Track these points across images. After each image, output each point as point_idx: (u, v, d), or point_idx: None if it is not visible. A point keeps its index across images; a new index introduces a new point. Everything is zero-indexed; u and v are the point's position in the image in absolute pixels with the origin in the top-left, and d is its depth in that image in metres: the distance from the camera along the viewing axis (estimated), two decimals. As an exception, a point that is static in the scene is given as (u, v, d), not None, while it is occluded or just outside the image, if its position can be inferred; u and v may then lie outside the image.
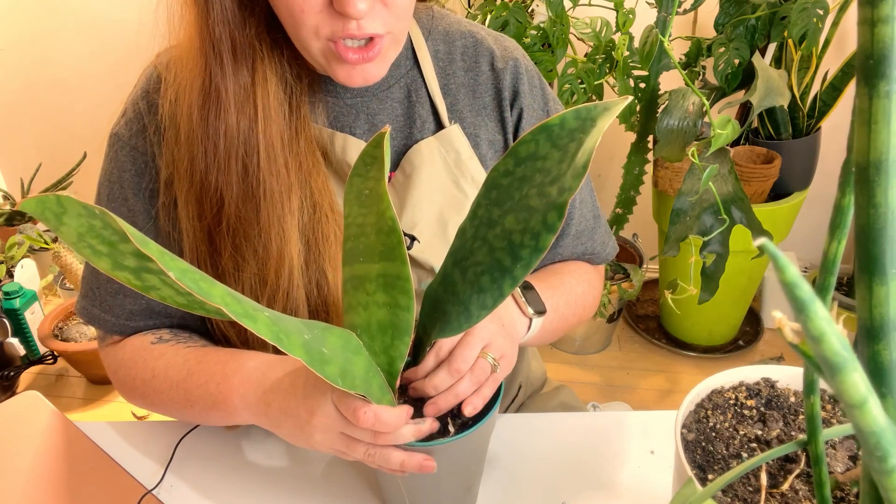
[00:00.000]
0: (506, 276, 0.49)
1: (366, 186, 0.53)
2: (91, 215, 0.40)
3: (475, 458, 0.62)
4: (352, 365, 0.51)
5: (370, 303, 0.54)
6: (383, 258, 0.53)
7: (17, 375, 1.94)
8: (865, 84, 0.23)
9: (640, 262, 2.02)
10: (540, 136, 0.47)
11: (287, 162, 0.66)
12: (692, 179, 1.20)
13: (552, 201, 0.45)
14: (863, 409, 0.21)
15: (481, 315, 0.51)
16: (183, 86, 0.65)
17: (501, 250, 0.49)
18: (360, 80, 0.64)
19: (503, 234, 0.49)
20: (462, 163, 0.74)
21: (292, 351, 0.43)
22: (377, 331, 0.54)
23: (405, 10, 0.62)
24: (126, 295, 0.73)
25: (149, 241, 0.38)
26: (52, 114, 2.33)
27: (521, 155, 0.48)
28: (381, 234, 0.52)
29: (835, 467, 0.49)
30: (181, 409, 0.69)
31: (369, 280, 0.54)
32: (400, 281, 0.52)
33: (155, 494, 0.70)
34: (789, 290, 0.20)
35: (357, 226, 0.54)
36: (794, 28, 1.48)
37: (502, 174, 0.50)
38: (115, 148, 0.71)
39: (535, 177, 0.47)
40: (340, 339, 0.51)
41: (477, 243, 0.51)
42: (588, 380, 1.97)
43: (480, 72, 0.76)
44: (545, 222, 0.45)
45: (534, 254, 0.47)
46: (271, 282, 0.67)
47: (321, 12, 0.59)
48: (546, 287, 0.74)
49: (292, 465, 0.73)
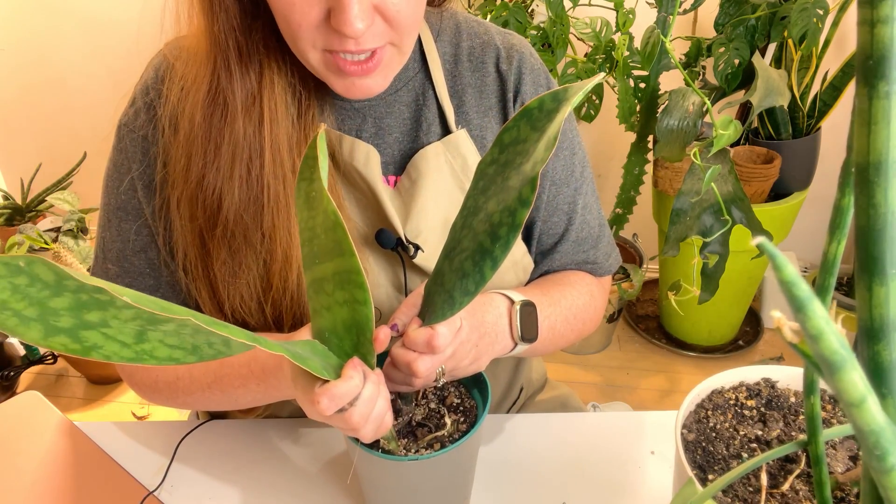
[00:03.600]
0: (486, 257, 0.48)
1: (312, 189, 0.52)
2: (14, 272, 0.35)
3: (461, 471, 0.62)
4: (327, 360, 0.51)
5: (332, 303, 0.53)
6: (334, 255, 0.52)
7: (17, 375, 1.94)
8: (865, 84, 0.23)
9: (640, 262, 2.02)
10: (521, 122, 0.48)
11: (294, 166, 0.66)
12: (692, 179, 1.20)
13: (526, 176, 0.45)
14: (861, 408, 0.21)
15: (464, 301, 0.51)
16: (188, 85, 0.65)
17: (483, 233, 0.49)
18: (360, 93, 0.63)
19: (485, 217, 0.49)
20: (469, 168, 0.73)
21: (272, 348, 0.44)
22: (343, 331, 0.53)
23: (410, 24, 0.61)
24: (137, 289, 0.73)
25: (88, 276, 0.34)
26: (52, 114, 2.33)
27: (505, 142, 0.49)
28: (328, 232, 0.52)
29: (835, 467, 0.49)
30: (221, 403, 0.72)
31: (326, 280, 0.53)
32: (352, 275, 0.51)
33: (156, 495, 0.70)
34: (787, 289, 0.20)
35: (309, 229, 0.53)
36: (794, 28, 1.48)
37: (488, 163, 0.50)
38: (123, 138, 0.71)
39: (516, 159, 0.48)
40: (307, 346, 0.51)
41: (464, 232, 0.51)
42: (588, 380, 1.97)
43: (487, 72, 0.75)
44: (520, 197, 0.46)
45: (511, 231, 0.46)
46: (276, 285, 0.67)
47: (318, 27, 0.58)
48: (548, 302, 0.73)
49: (293, 466, 0.73)
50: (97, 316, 0.37)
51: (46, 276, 0.35)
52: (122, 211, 0.71)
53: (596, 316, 0.82)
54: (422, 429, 0.60)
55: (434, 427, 0.60)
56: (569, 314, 0.76)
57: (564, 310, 0.76)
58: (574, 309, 0.77)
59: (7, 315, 0.35)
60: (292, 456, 0.75)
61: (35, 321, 0.36)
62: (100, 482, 0.72)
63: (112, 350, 0.39)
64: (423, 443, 0.58)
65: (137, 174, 0.70)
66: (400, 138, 0.73)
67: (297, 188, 0.53)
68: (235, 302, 0.68)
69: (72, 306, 0.36)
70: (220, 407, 0.73)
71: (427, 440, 0.58)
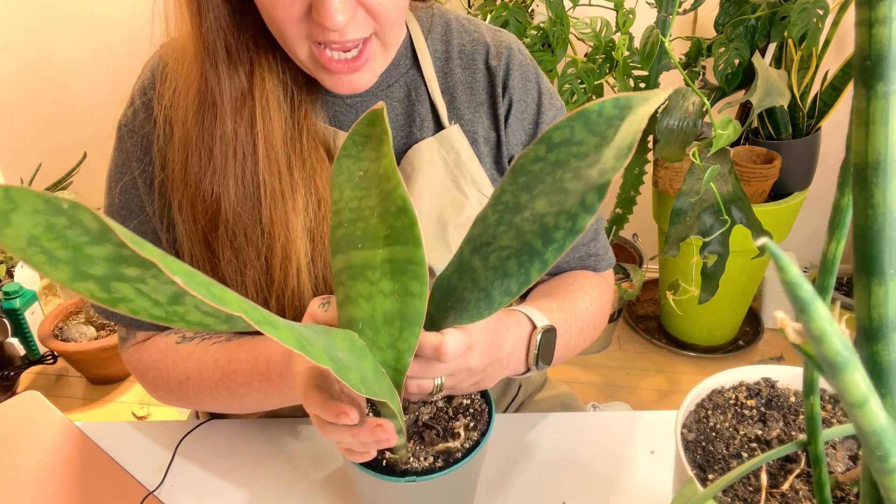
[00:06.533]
0: (535, 259, 0.46)
1: (359, 168, 0.50)
2: (54, 211, 0.32)
3: (463, 492, 0.61)
4: (363, 369, 0.47)
5: (374, 293, 0.50)
6: (390, 242, 0.49)
7: (17, 375, 1.94)
8: (863, 85, 0.23)
9: (640, 262, 2.02)
10: (576, 123, 0.45)
11: (290, 161, 0.67)
12: (692, 179, 1.20)
13: (592, 182, 0.43)
14: (864, 409, 0.21)
15: (503, 301, 0.49)
16: (180, 86, 0.66)
17: (532, 233, 0.46)
18: (348, 88, 0.64)
19: (533, 217, 0.46)
20: (462, 163, 0.74)
21: (318, 359, 0.40)
22: (382, 323, 0.50)
23: (393, 19, 0.62)
24: None
25: (144, 243, 0.32)
26: (52, 114, 2.33)
27: (555, 140, 0.46)
28: (386, 217, 0.49)
29: (835, 467, 0.49)
30: (227, 405, 0.71)
31: (371, 268, 0.50)
32: (413, 266, 0.49)
33: (156, 495, 0.70)
34: (791, 290, 0.20)
35: (352, 210, 0.50)
36: (794, 28, 1.48)
37: (532, 160, 0.47)
38: (123, 138, 0.71)
39: (571, 161, 0.45)
40: (346, 342, 0.47)
41: (501, 228, 0.48)
42: (588, 380, 1.97)
43: (477, 69, 0.76)
44: (584, 203, 0.43)
45: (568, 236, 0.44)
46: (278, 280, 0.67)
47: (301, 22, 0.59)
48: (564, 319, 0.71)
49: (293, 465, 0.74)
50: (136, 272, 0.34)
51: (90, 223, 0.32)
52: (126, 210, 0.72)
53: (604, 319, 0.82)
54: (429, 430, 0.58)
55: (442, 430, 0.58)
56: (582, 324, 0.75)
57: (579, 321, 0.74)
58: (587, 318, 0.76)
59: (35, 251, 0.33)
60: (293, 455, 0.75)
61: (65, 263, 0.34)
62: (100, 482, 0.72)
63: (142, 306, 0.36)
64: (433, 451, 0.56)
65: (139, 172, 0.70)
66: (393, 134, 0.74)
67: (338, 164, 0.50)
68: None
69: (110, 257, 0.34)
70: (226, 408, 0.73)
71: (438, 449, 0.56)
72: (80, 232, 0.33)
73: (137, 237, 0.31)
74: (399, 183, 0.48)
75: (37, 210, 0.32)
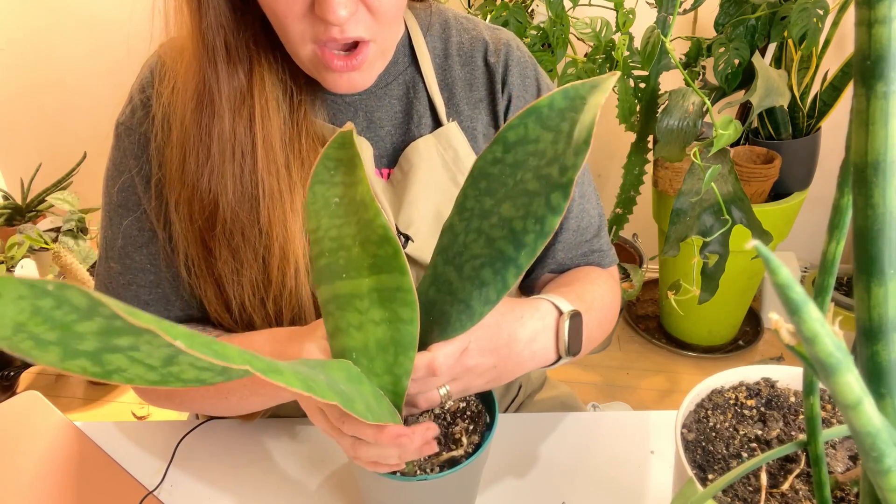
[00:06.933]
0: (509, 265, 0.46)
1: (333, 194, 0.49)
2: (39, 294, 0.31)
3: (467, 490, 0.61)
4: (365, 396, 0.47)
5: (364, 321, 0.49)
6: (376, 271, 0.49)
7: (17, 375, 1.94)
8: (863, 85, 0.23)
9: (640, 262, 2.02)
10: (528, 119, 0.45)
11: (288, 161, 0.67)
12: (692, 179, 1.20)
13: (554, 182, 0.42)
14: (857, 410, 0.21)
15: (484, 311, 0.48)
16: (178, 85, 0.66)
17: (503, 239, 0.46)
18: (346, 87, 0.64)
19: (501, 222, 0.46)
20: (460, 160, 0.74)
21: (325, 396, 0.40)
22: (377, 351, 0.50)
23: (391, 18, 0.62)
24: (140, 285, 0.73)
25: (138, 312, 0.31)
26: (52, 114, 2.33)
27: (511, 140, 0.45)
28: (368, 245, 0.48)
29: (835, 467, 0.49)
30: (215, 405, 0.71)
31: (359, 297, 0.49)
32: (400, 293, 0.48)
33: (156, 495, 0.70)
34: (782, 292, 0.20)
35: (332, 239, 0.49)
36: (794, 28, 1.48)
37: (490, 162, 0.47)
38: (121, 136, 0.71)
39: (529, 160, 0.45)
40: (342, 372, 0.47)
41: (471, 236, 0.48)
42: (588, 380, 1.97)
43: (476, 66, 0.77)
44: (549, 204, 0.42)
45: (539, 238, 0.44)
46: (276, 280, 0.67)
47: (304, 18, 0.59)
48: (585, 308, 0.68)
49: (293, 465, 0.74)
50: (128, 341, 0.34)
51: (78, 301, 0.31)
52: (123, 208, 0.72)
53: (616, 313, 0.80)
54: None
55: (443, 437, 0.58)
56: (600, 315, 0.74)
57: (597, 311, 0.73)
58: (604, 309, 0.75)
59: (21, 338, 0.31)
60: (292, 455, 0.75)
61: (54, 345, 0.32)
62: (99, 482, 0.72)
63: (136, 373, 0.35)
64: (438, 462, 0.56)
65: (136, 171, 0.70)
66: (392, 131, 0.74)
67: (311, 192, 0.49)
68: (242, 300, 0.69)
69: (101, 330, 0.33)
70: (218, 412, 0.73)
71: (443, 460, 0.56)
72: (68, 310, 0.32)
73: (130, 307, 0.29)
74: (378, 212, 0.47)
75: (21, 296, 0.30)
